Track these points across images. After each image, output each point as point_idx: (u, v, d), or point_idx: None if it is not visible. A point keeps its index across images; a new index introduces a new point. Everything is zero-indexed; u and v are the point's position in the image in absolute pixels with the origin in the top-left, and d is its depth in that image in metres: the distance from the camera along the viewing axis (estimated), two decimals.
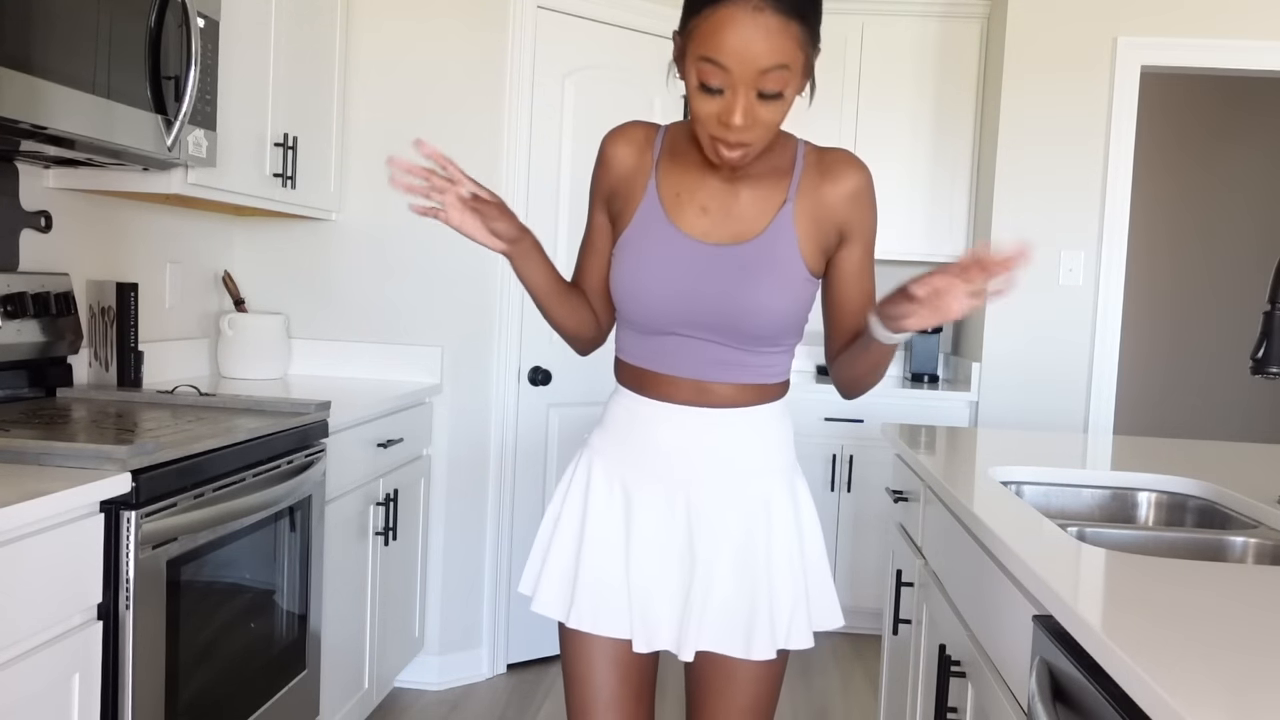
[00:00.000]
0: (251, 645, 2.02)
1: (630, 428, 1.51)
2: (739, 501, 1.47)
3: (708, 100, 1.32)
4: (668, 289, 1.43)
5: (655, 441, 1.48)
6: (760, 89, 1.29)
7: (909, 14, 4.08)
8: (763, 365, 1.49)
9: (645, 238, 1.45)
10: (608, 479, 1.52)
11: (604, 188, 1.54)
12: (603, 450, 1.54)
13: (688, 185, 1.47)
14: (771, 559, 1.47)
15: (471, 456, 3.25)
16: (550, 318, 1.56)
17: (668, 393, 1.48)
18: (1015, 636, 1.34)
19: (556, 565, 1.52)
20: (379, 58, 3.14)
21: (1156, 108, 5.37)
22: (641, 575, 1.47)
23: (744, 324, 1.42)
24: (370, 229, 3.18)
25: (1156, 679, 0.85)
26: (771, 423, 1.51)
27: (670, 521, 1.48)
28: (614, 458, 1.52)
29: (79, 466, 1.57)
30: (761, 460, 1.49)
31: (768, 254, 1.42)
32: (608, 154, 1.53)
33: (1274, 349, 1.63)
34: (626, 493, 1.50)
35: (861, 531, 3.89)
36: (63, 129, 1.78)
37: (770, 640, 1.45)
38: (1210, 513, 1.85)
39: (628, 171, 1.51)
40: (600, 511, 1.51)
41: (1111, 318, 3.83)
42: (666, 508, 1.48)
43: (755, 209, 1.44)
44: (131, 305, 2.44)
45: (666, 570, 1.47)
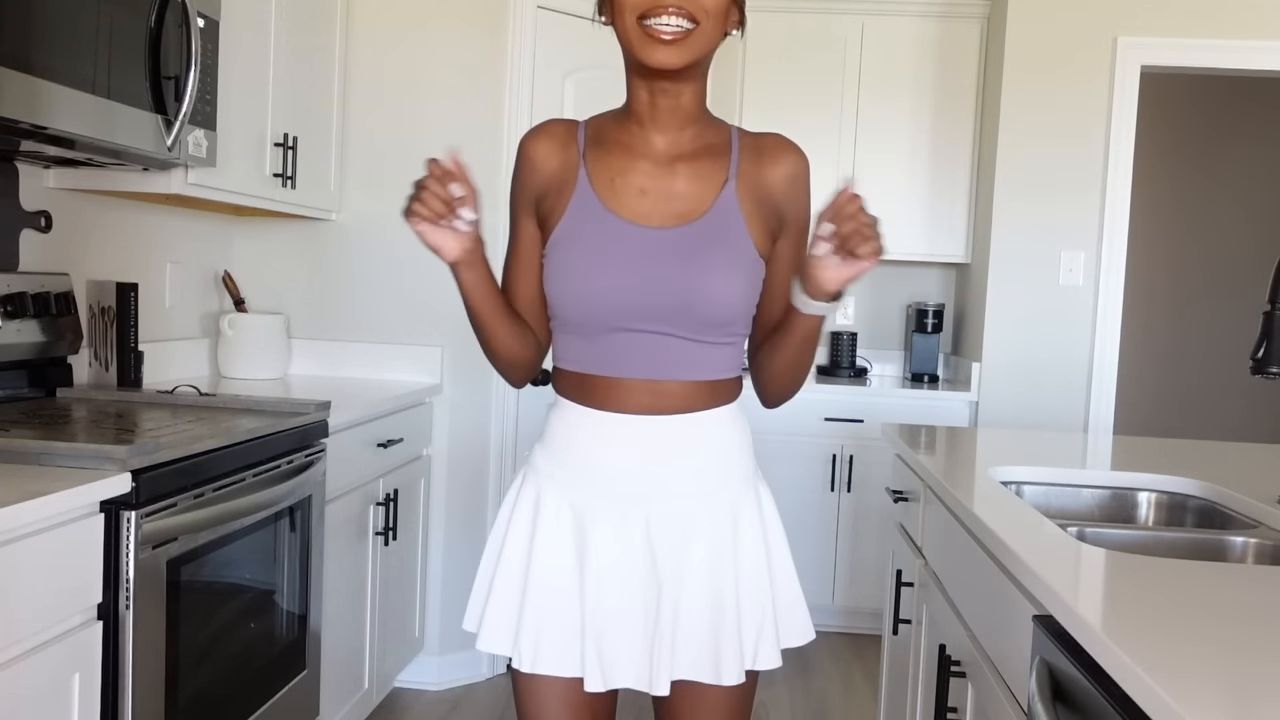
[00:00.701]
0: (251, 645, 2.02)
1: (576, 444, 1.38)
2: (703, 517, 1.37)
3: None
4: (613, 280, 1.33)
5: (606, 458, 1.37)
6: None
7: (909, 14, 4.08)
8: (715, 359, 1.39)
9: (583, 229, 1.35)
10: (555, 502, 1.39)
11: (529, 191, 1.42)
12: (547, 471, 1.41)
13: (620, 169, 1.37)
14: (739, 577, 1.38)
15: (471, 456, 3.25)
16: (494, 340, 1.40)
17: (617, 400, 1.37)
18: (1015, 636, 1.34)
19: (502, 598, 1.40)
20: (379, 57, 3.14)
21: (1156, 108, 5.37)
22: (599, 609, 1.35)
23: (699, 309, 1.33)
24: (370, 229, 3.18)
25: (1156, 679, 0.85)
26: (728, 427, 1.41)
27: (628, 545, 1.36)
28: (560, 479, 1.39)
29: (79, 466, 1.57)
30: (723, 470, 1.40)
31: (716, 232, 1.35)
32: (529, 154, 1.42)
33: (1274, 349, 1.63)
34: (578, 516, 1.38)
35: (861, 531, 3.89)
36: (63, 129, 1.78)
37: (739, 663, 1.36)
38: (1210, 513, 1.85)
39: (554, 169, 1.40)
40: (548, 539, 1.38)
41: (1111, 318, 3.83)
42: (623, 530, 1.36)
43: (696, 186, 1.36)
44: (131, 305, 2.44)
45: (628, 602, 1.35)
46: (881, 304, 4.49)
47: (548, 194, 1.40)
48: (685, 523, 1.37)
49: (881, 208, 4.12)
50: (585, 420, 1.38)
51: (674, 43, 1.26)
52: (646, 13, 1.26)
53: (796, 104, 4.10)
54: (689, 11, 1.26)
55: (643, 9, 1.26)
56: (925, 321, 4.18)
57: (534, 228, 1.43)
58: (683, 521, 1.37)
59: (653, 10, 1.25)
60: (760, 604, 1.39)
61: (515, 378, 1.48)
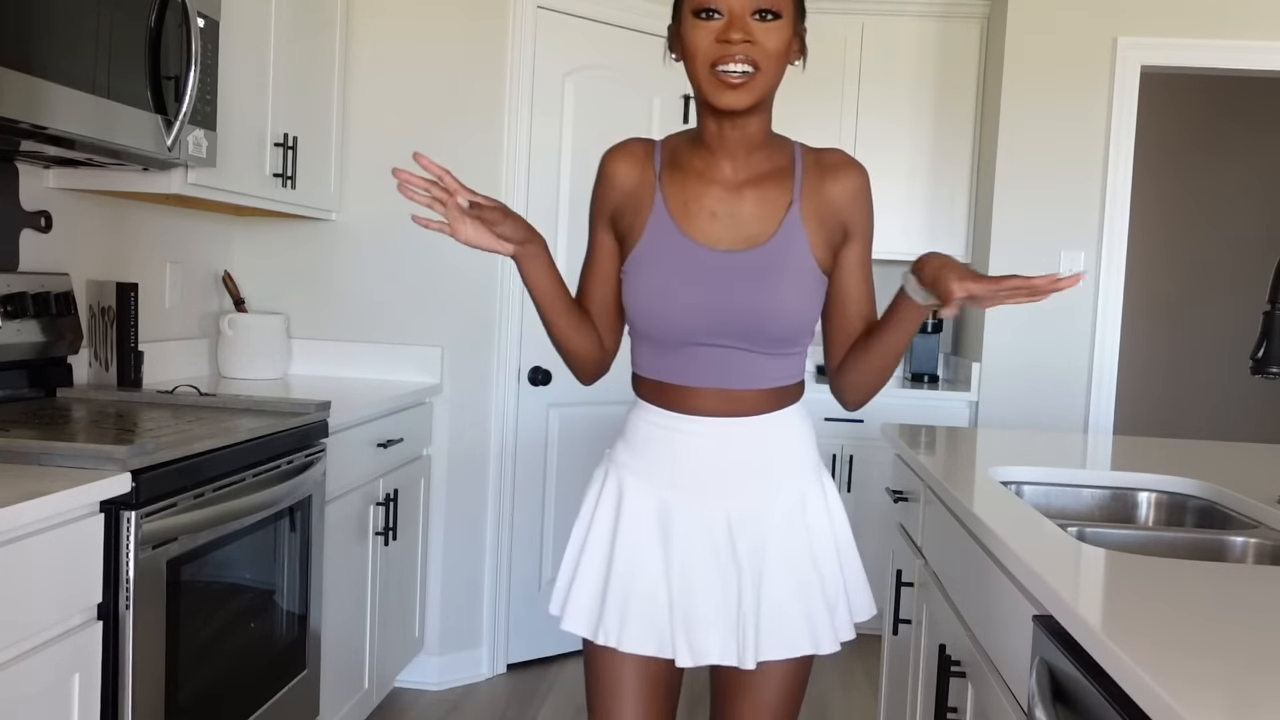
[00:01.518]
0: (251, 645, 2.02)
1: (659, 442, 1.50)
2: (776, 505, 1.49)
3: (705, 29, 1.37)
4: (688, 301, 1.44)
5: (688, 455, 1.48)
6: (754, 6, 1.36)
7: (909, 14, 4.08)
8: (781, 368, 1.50)
9: (659, 251, 1.46)
10: (638, 493, 1.51)
11: (607, 206, 1.53)
12: (632, 466, 1.53)
13: (693, 193, 1.47)
14: (815, 556, 1.50)
15: (471, 456, 3.25)
16: (556, 331, 1.53)
17: (694, 405, 1.48)
18: (1015, 636, 1.34)
19: (587, 582, 1.52)
20: (379, 57, 3.14)
21: (1156, 108, 5.37)
22: (686, 592, 1.46)
23: (768, 328, 1.44)
24: (370, 229, 3.18)
25: (1156, 679, 0.85)
26: (796, 424, 1.53)
27: (711, 533, 1.47)
28: (643, 472, 1.51)
29: (79, 466, 1.57)
30: (793, 463, 1.51)
31: (783, 256, 1.44)
32: (609, 171, 1.53)
33: (1274, 349, 1.63)
34: (662, 506, 1.49)
35: (861, 531, 3.89)
36: (63, 129, 1.78)
37: (832, 634, 1.49)
38: (1210, 513, 1.85)
39: (631, 187, 1.51)
40: (634, 527, 1.49)
41: (1111, 317, 3.83)
42: (707, 520, 1.47)
43: (762, 211, 1.46)
44: (131, 305, 2.44)
45: (711, 584, 1.46)
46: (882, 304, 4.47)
47: (625, 211, 1.52)
48: (761, 512, 1.48)
49: (882, 207, 4.12)
50: (667, 421, 1.50)
51: (740, 87, 1.37)
52: (716, 61, 1.37)
53: (797, 104, 4.09)
54: (753, 58, 1.37)
55: (713, 57, 1.37)
56: (925, 321, 4.18)
57: (611, 240, 1.54)
58: (759, 511, 1.48)
59: (721, 59, 1.36)
60: (836, 583, 1.51)
61: (582, 374, 1.59)
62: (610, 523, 1.52)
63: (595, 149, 3.43)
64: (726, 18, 1.36)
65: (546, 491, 3.44)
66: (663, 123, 3.55)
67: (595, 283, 1.57)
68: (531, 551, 3.42)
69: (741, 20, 1.36)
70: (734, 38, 1.35)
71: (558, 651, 3.52)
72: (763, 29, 1.36)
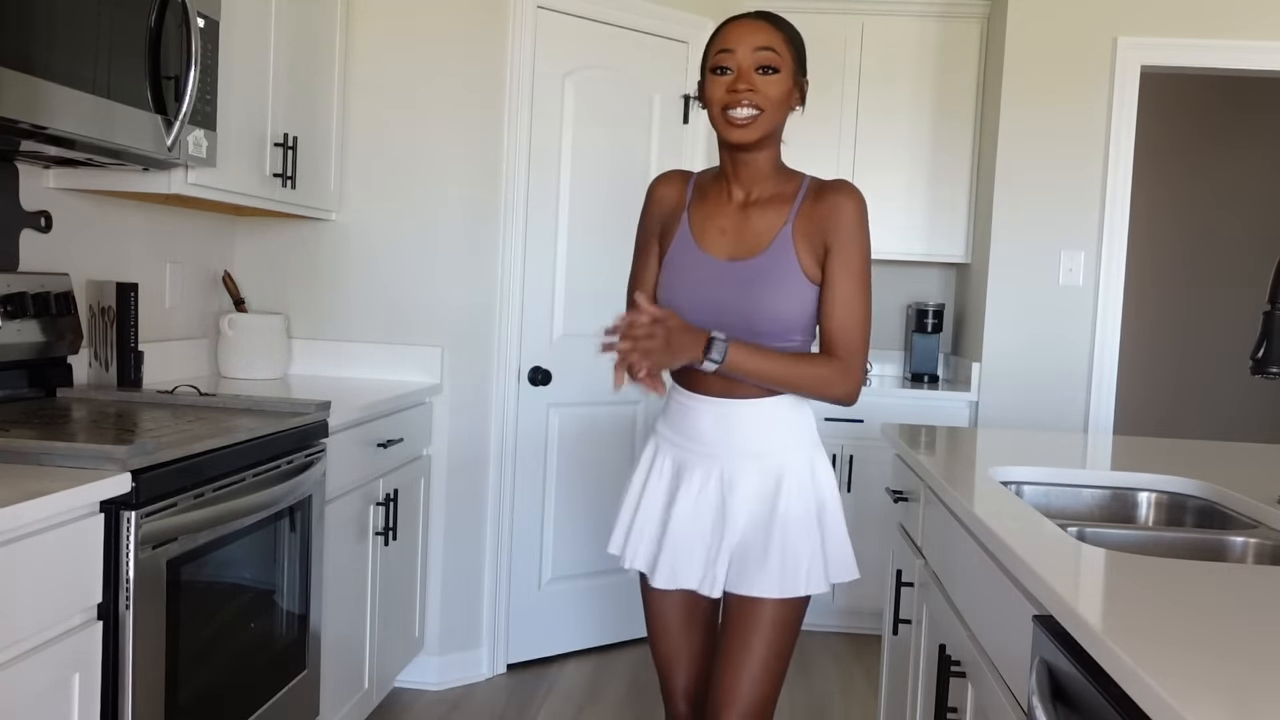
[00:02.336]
0: (251, 645, 2.02)
1: (681, 417, 1.86)
2: (756, 472, 1.80)
3: (719, 82, 1.74)
4: (696, 299, 1.78)
5: (697, 428, 1.83)
6: (757, 63, 1.72)
7: (909, 14, 4.08)
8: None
9: (682, 259, 1.82)
10: (663, 456, 1.89)
11: (656, 221, 1.91)
12: (663, 434, 1.90)
13: (710, 214, 1.83)
14: (785, 517, 1.77)
15: (471, 456, 3.25)
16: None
17: (703, 386, 1.81)
18: (1015, 636, 1.34)
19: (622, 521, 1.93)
20: (379, 57, 3.14)
21: (1156, 108, 5.37)
22: (677, 530, 1.81)
23: (754, 323, 1.75)
24: (370, 229, 3.18)
25: (1156, 679, 0.85)
26: (785, 409, 1.81)
27: (706, 489, 1.82)
28: (670, 441, 1.88)
29: (79, 466, 1.57)
30: (778, 440, 1.80)
31: (770, 265, 1.75)
32: (658, 195, 1.92)
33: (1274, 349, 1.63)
34: (676, 467, 1.86)
35: (861, 531, 3.89)
36: (63, 129, 1.78)
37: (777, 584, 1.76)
38: (1210, 513, 1.85)
39: (670, 208, 1.89)
40: (656, 479, 1.88)
41: (1111, 318, 3.83)
42: (705, 479, 1.82)
43: (762, 228, 1.78)
44: (131, 305, 2.44)
45: (698, 527, 1.81)
46: (881, 304, 4.49)
47: (666, 228, 1.90)
48: (743, 476, 1.80)
49: (882, 207, 4.12)
50: (686, 400, 1.85)
51: (746, 126, 1.73)
52: (726, 105, 1.73)
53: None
54: (756, 103, 1.72)
55: (724, 103, 1.73)
56: (925, 321, 4.19)
57: (656, 247, 1.92)
58: (743, 475, 1.80)
59: (729, 103, 1.72)
60: (808, 540, 1.78)
61: None
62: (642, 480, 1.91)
63: (595, 149, 3.43)
64: (736, 72, 1.72)
65: (546, 491, 3.44)
66: (662, 123, 3.55)
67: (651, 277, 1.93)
68: (531, 551, 3.42)
69: (747, 74, 1.71)
70: (740, 87, 1.71)
71: (558, 651, 3.52)
72: (764, 81, 1.72)
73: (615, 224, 3.48)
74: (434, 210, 3.17)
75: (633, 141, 3.50)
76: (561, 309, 3.41)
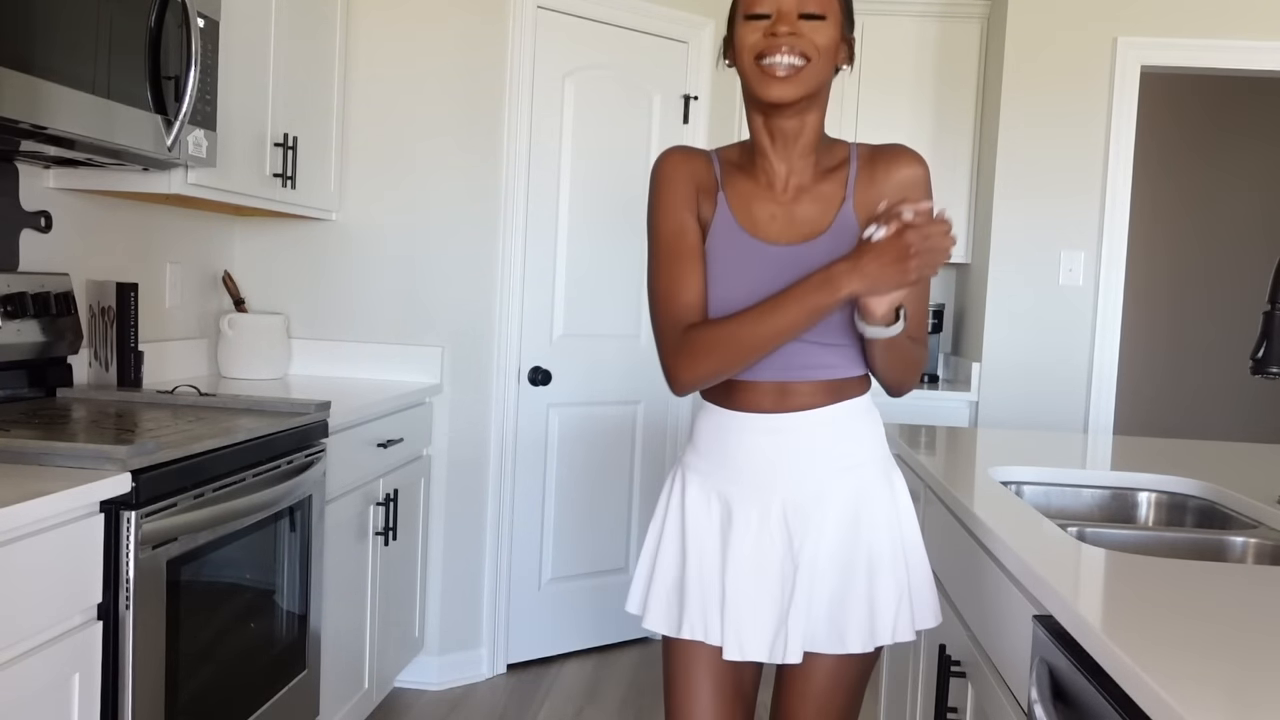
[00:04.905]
0: (251, 645, 2.02)
1: (721, 442, 1.54)
2: (832, 498, 1.49)
3: (753, 27, 1.42)
4: (748, 292, 1.46)
5: (746, 452, 1.51)
6: (801, 8, 1.41)
7: (909, 14, 4.08)
8: (837, 359, 1.51)
9: (728, 248, 1.49)
10: (704, 493, 1.55)
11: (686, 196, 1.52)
12: (696, 466, 1.57)
13: (753, 196, 1.51)
14: (871, 555, 1.48)
15: (471, 456, 3.25)
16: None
17: (752, 401, 1.51)
18: (1015, 636, 1.34)
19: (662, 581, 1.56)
20: (379, 57, 3.14)
21: (1157, 108, 5.37)
22: (736, 585, 1.49)
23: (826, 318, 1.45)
24: (370, 229, 3.18)
25: (1156, 679, 0.85)
26: (855, 419, 1.53)
27: (767, 529, 1.49)
28: (707, 472, 1.55)
29: (79, 466, 1.57)
30: (849, 456, 1.51)
31: (836, 247, 1.46)
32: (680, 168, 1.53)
33: (1274, 349, 1.63)
34: (725, 504, 1.53)
35: None
36: (63, 129, 1.78)
37: (869, 633, 1.47)
38: (1210, 513, 1.85)
39: (702, 181, 1.53)
40: (699, 525, 1.54)
41: (1111, 318, 3.83)
42: (763, 516, 1.50)
43: (818, 208, 1.49)
44: (131, 305, 2.44)
45: (763, 580, 1.49)
46: None
47: (701, 199, 1.52)
48: (816, 506, 1.49)
49: None
50: (727, 420, 1.53)
51: (787, 79, 1.40)
52: (762, 53, 1.41)
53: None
54: (801, 50, 1.40)
55: (759, 49, 1.41)
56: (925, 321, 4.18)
57: (699, 230, 1.52)
58: (814, 505, 1.49)
59: (768, 50, 1.40)
60: (896, 581, 1.49)
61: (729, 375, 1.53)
62: (679, 522, 1.57)
63: (595, 149, 3.43)
64: (775, 16, 1.41)
65: (546, 491, 3.44)
66: (663, 123, 3.55)
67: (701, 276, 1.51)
68: (531, 551, 3.42)
69: (789, 17, 1.40)
70: (780, 30, 1.40)
71: (557, 651, 3.52)
72: (810, 26, 1.41)
73: (615, 224, 3.48)
74: (434, 210, 3.17)
75: (633, 142, 3.50)
76: (561, 309, 3.41)
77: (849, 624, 1.47)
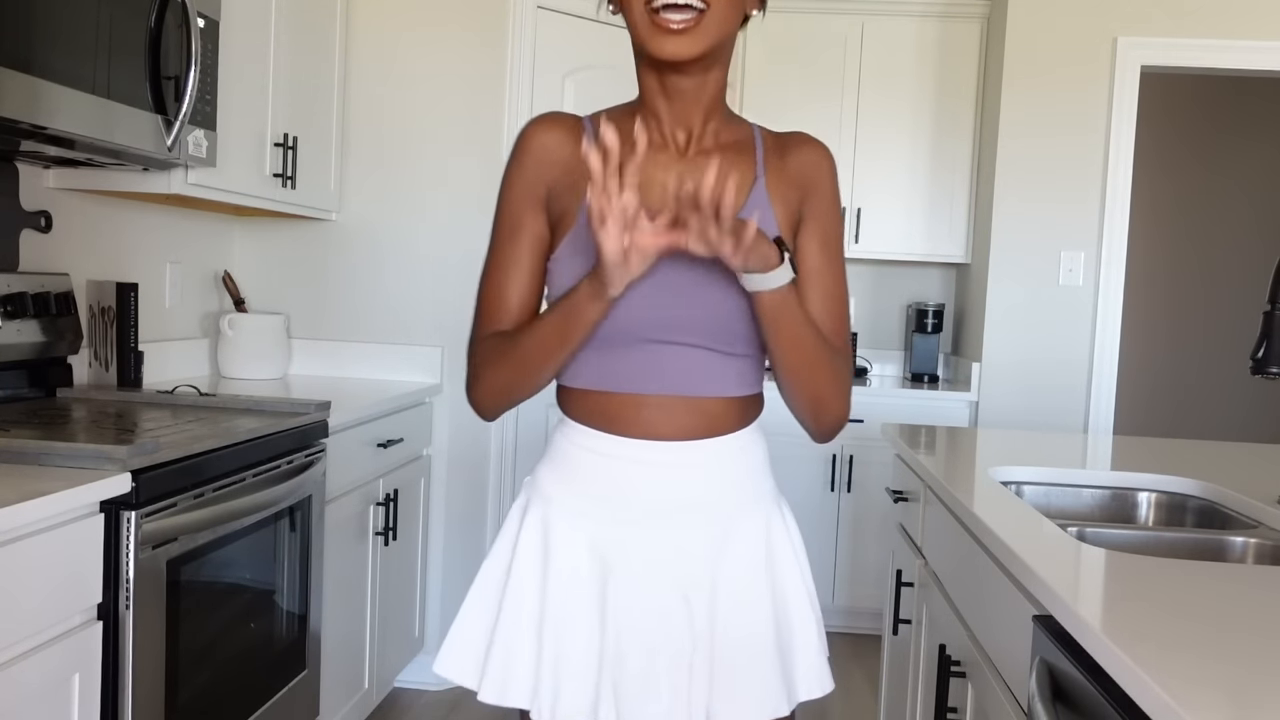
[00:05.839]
0: (251, 645, 2.02)
1: (600, 472, 1.24)
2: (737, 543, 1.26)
3: None
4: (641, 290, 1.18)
5: (637, 489, 1.23)
6: None
7: (909, 14, 4.08)
8: (744, 372, 1.26)
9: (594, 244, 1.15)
10: (571, 537, 1.25)
11: (540, 184, 1.25)
12: (560, 500, 1.26)
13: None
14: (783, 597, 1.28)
15: (471, 456, 3.25)
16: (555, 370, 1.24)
17: (643, 424, 1.22)
18: (1015, 636, 1.34)
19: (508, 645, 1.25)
20: (379, 57, 3.14)
21: (1156, 107, 5.37)
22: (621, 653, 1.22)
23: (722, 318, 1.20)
24: (370, 229, 3.18)
25: (1156, 679, 0.85)
26: (757, 445, 1.30)
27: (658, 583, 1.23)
28: (578, 510, 1.25)
29: (79, 466, 1.57)
30: (753, 489, 1.29)
31: None
32: (540, 142, 1.25)
33: (1274, 349, 1.63)
34: (599, 553, 1.24)
35: (861, 531, 3.89)
36: (63, 129, 1.78)
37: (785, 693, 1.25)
38: (1210, 513, 1.85)
39: (565, 161, 1.25)
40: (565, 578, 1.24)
41: (1111, 318, 3.83)
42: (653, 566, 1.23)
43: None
44: (131, 305, 2.44)
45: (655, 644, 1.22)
46: (881, 304, 4.49)
47: (561, 191, 1.25)
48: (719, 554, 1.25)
49: (882, 207, 4.12)
50: (604, 447, 1.24)
51: (684, 32, 1.14)
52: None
53: (796, 104, 4.10)
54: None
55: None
56: (925, 321, 4.18)
57: (543, 227, 1.26)
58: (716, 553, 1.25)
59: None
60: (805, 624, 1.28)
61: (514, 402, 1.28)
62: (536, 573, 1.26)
63: None
64: None
65: None
66: None
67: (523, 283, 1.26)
68: None
69: None
70: None
71: None
72: None
73: None
74: (434, 210, 3.17)
75: None
76: None
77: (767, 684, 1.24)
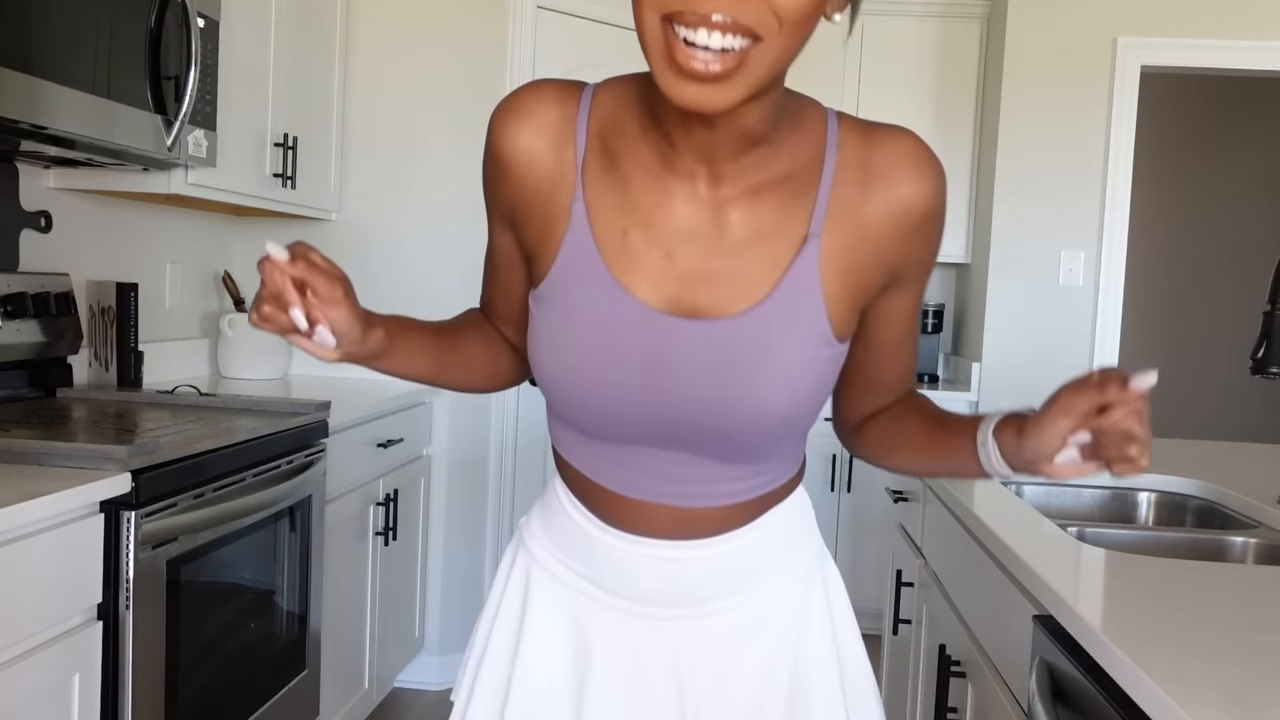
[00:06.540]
0: (251, 645, 2.02)
1: (582, 548, 1.03)
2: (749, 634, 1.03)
3: None
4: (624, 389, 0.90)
5: (630, 573, 1.01)
6: None
7: (909, 14, 4.07)
8: (763, 475, 1.01)
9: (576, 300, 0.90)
10: (553, 606, 1.06)
11: (503, 200, 0.96)
12: (546, 564, 1.07)
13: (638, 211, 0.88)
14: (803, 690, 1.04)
15: (471, 456, 3.25)
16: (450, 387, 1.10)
17: (635, 522, 0.99)
18: (1015, 636, 1.34)
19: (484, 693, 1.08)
20: (379, 57, 3.14)
21: (1157, 107, 5.37)
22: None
23: (737, 436, 0.93)
24: (370, 229, 3.18)
25: (1156, 679, 0.85)
26: (784, 525, 1.05)
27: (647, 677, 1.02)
28: (562, 577, 1.06)
29: (79, 466, 1.57)
30: (774, 572, 1.05)
31: (776, 328, 0.88)
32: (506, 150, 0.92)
33: (1274, 349, 1.63)
34: (582, 632, 1.04)
35: (861, 531, 3.89)
36: (63, 129, 1.78)
37: None
38: (1210, 513, 1.85)
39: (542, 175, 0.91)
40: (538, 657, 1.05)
41: (1111, 317, 3.83)
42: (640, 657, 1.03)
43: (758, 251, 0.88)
44: (131, 305, 2.44)
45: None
46: None
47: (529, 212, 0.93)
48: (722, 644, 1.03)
49: None
50: (597, 532, 1.02)
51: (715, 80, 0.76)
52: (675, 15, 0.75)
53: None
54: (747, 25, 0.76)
55: (669, 8, 0.76)
56: (925, 321, 4.18)
57: (510, 243, 1.00)
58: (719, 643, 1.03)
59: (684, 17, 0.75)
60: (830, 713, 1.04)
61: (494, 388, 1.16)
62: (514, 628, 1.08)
63: None
64: None
65: None
66: None
67: (498, 291, 1.07)
68: None
69: None
70: None
71: None
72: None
73: None
74: (434, 210, 3.17)
75: None
76: None
77: None
